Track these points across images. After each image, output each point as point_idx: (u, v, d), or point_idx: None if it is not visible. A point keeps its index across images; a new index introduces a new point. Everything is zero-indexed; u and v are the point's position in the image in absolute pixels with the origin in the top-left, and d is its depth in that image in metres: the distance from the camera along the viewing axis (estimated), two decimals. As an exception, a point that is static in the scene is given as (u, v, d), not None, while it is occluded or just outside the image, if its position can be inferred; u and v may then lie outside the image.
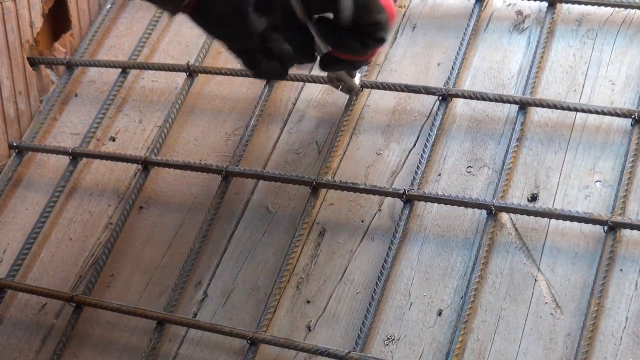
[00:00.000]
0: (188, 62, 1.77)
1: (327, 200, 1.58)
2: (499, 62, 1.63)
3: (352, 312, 1.47)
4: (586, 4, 1.62)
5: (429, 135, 1.56)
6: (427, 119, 1.61)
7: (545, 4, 1.64)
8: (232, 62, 1.76)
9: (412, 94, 1.63)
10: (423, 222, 1.51)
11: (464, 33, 1.65)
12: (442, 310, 1.43)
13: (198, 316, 1.53)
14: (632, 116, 1.48)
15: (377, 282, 1.45)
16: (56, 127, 1.84)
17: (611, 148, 1.49)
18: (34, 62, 1.86)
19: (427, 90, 1.61)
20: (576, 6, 1.64)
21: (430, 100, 1.62)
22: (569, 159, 1.50)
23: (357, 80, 1.62)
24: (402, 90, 1.63)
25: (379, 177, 1.57)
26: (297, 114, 1.69)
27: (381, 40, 1.35)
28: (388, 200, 1.54)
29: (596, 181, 1.47)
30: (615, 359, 1.32)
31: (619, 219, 1.39)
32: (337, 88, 1.63)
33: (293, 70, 1.70)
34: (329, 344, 1.44)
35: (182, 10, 1.28)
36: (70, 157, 1.74)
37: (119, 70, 1.83)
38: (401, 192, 1.51)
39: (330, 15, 1.32)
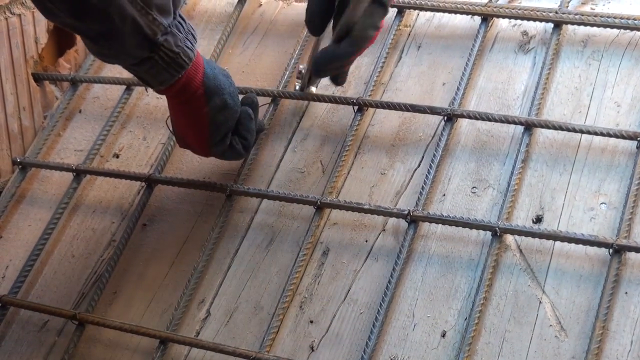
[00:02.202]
0: (193, 79, 1.76)
1: (331, 220, 1.57)
2: (504, 83, 1.63)
3: (355, 333, 1.46)
4: (592, 25, 1.62)
5: (434, 155, 1.56)
6: (432, 139, 1.61)
7: (551, 25, 1.64)
8: (236, 80, 1.76)
9: (417, 114, 1.63)
10: (427, 243, 1.51)
11: (470, 53, 1.65)
12: (446, 331, 1.42)
13: (201, 335, 1.52)
14: (638, 138, 1.48)
15: (381, 303, 1.45)
16: (60, 143, 1.83)
17: (616, 170, 1.49)
18: (38, 78, 1.86)
19: (432, 110, 1.61)
20: (582, 27, 1.64)
21: (435, 120, 1.62)
22: (574, 181, 1.50)
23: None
24: (407, 110, 1.62)
25: (383, 197, 1.57)
26: (301, 132, 1.69)
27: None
28: (392, 220, 1.54)
29: (601, 203, 1.47)
30: (620, 382, 1.32)
31: (624, 242, 1.39)
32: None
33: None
34: (332, 364, 1.44)
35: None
36: (74, 174, 1.74)
37: (124, 87, 1.83)
38: (405, 212, 1.50)
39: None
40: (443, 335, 1.42)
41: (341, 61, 1.54)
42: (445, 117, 1.59)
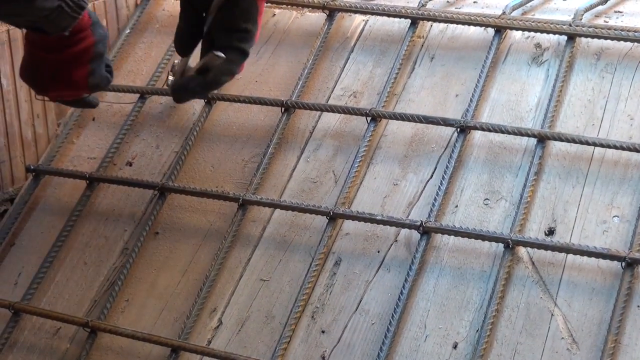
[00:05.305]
0: (206, 88, 1.77)
1: (344, 230, 1.57)
2: (517, 95, 1.64)
3: (367, 343, 1.46)
4: (605, 38, 1.62)
5: (447, 166, 1.56)
6: (445, 150, 1.61)
7: (565, 37, 1.65)
8: (250, 89, 1.77)
9: (429, 125, 1.63)
10: (439, 254, 1.51)
11: (483, 65, 1.66)
12: (457, 343, 1.43)
13: (212, 344, 1.53)
14: (651, 152, 1.48)
15: (392, 314, 1.45)
16: (73, 151, 1.84)
17: (629, 183, 1.49)
18: (52, 86, 1.87)
19: (445, 122, 1.61)
20: (595, 40, 1.64)
21: (448, 132, 1.62)
22: (586, 194, 1.50)
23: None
24: (420, 122, 1.63)
25: (395, 208, 1.57)
26: (314, 142, 1.69)
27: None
28: (404, 231, 1.54)
29: (614, 216, 1.47)
30: (632, 396, 1.32)
31: (637, 255, 1.39)
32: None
33: (311, 99, 1.72)
34: (344, 375, 1.44)
35: None
36: (87, 181, 1.75)
37: (137, 95, 1.83)
38: (418, 223, 1.51)
39: None
40: (455, 347, 1.42)
41: (193, 96, 1.60)
42: (458, 129, 1.59)
